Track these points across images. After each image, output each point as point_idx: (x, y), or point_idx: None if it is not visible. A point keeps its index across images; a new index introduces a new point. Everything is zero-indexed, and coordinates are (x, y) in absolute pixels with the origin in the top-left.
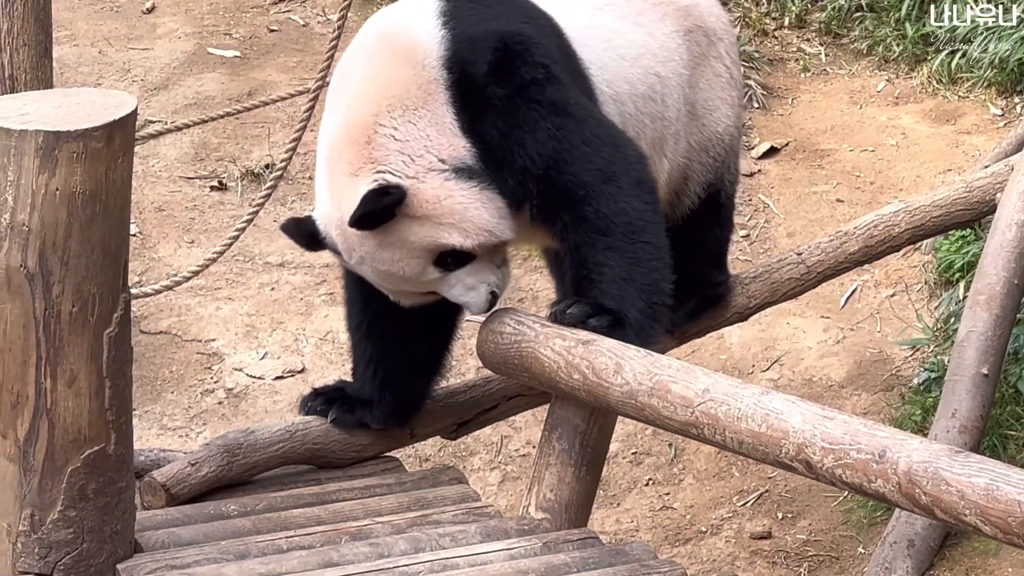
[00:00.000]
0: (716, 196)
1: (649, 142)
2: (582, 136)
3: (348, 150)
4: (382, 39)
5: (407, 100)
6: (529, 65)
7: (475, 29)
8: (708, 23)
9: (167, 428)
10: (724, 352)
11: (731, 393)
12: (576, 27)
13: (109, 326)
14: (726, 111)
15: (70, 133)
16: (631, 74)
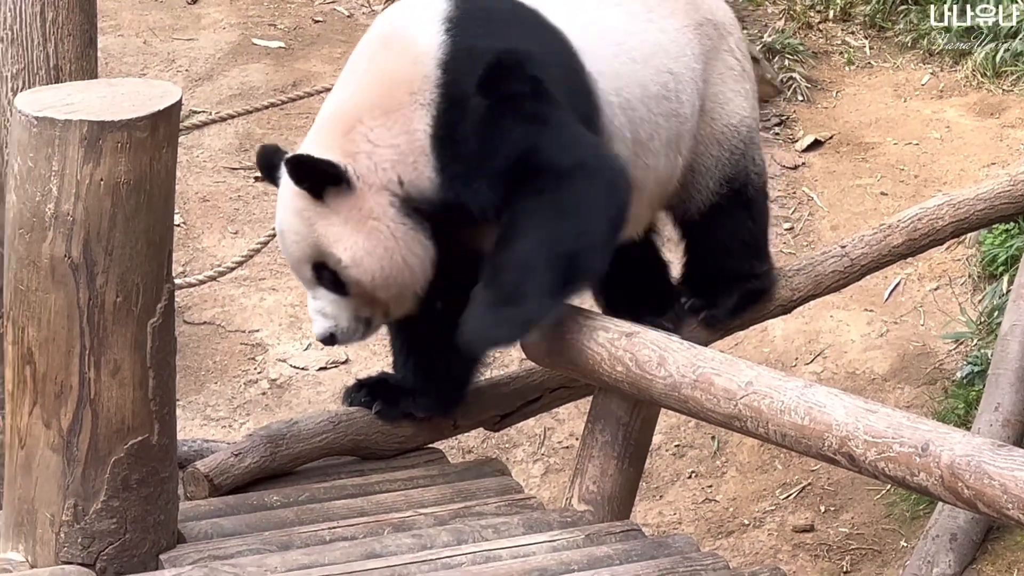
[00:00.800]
0: (742, 191)
1: (664, 141)
2: (557, 141)
3: (327, 135)
4: (387, 38)
5: (390, 103)
6: (517, 79)
7: (475, 42)
8: (717, 16)
9: (210, 419)
10: (767, 345)
11: (774, 386)
12: (586, 36)
13: (153, 316)
14: (740, 103)
15: (114, 123)
16: (643, 76)
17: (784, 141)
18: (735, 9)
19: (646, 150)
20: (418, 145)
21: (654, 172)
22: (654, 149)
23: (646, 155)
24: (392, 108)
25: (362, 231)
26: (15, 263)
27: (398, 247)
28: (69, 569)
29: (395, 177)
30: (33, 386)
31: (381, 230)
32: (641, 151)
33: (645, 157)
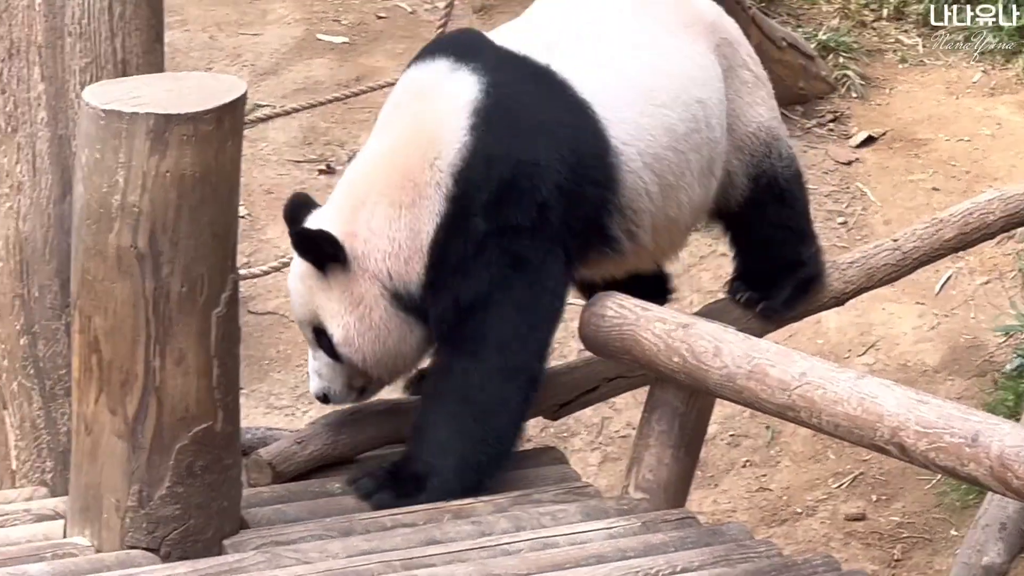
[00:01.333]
0: (773, 184)
1: (697, 172)
2: (516, 298)
3: (343, 203)
4: (415, 121)
5: (398, 195)
6: (524, 208)
7: (497, 147)
8: (730, 33)
9: (274, 407)
10: (821, 337)
11: (827, 377)
12: (613, 95)
13: (218, 306)
14: (757, 111)
15: (180, 116)
16: (671, 120)
17: (838, 137)
18: (790, 8)
19: (677, 190)
20: (418, 246)
21: (689, 206)
22: (686, 185)
23: (678, 194)
24: (402, 203)
25: (354, 313)
26: (82, 253)
27: (389, 335)
28: (134, 554)
29: (384, 270)
30: (99, 374)
31: (373, 318)
32: (672, 193)
33: (677, 196)
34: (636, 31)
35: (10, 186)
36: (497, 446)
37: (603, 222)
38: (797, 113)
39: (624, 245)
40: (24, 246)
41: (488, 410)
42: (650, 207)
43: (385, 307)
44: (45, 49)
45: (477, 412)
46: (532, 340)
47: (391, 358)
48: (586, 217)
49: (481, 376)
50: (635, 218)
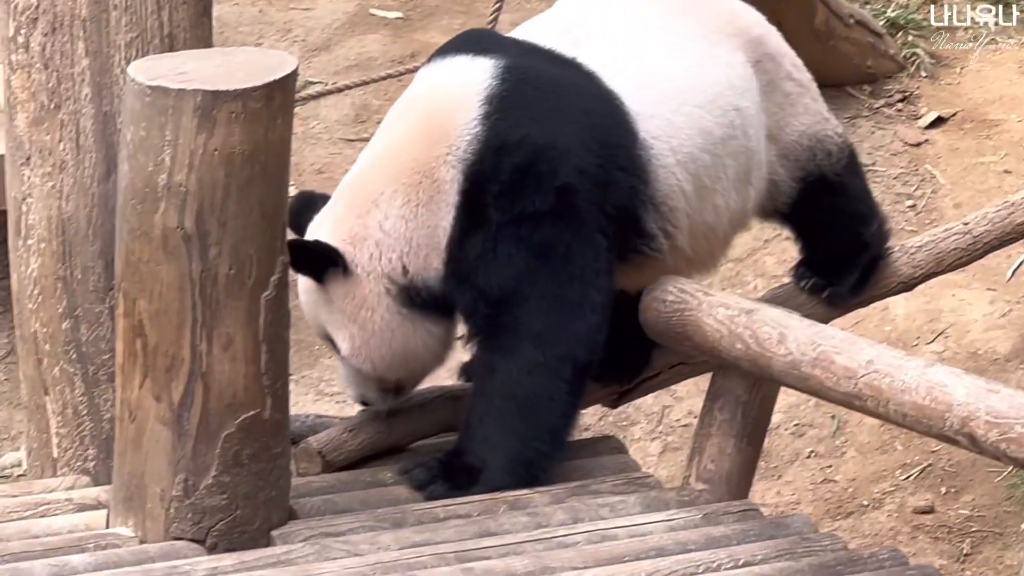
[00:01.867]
0: (821, 181)
1: (733, 179)
2: (544, 289)
3: (344, 212)
4: (427, 114)
5: (414, 193)
6: (541, 193)
7: (511, 133)
8: (772, 47)
9: (324, 394)
10: (888, 323)
11: (895, 365)
12: (646, 91)
13: (266, 289)
14: (800, 120)
15: (229, 93)
16: (707, 122)
17: (907, 118)
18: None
19: (713, 193)
20: (436, 243)
21: (726, 212)
22: (722, 190)
23: (714, 198)
24: (419, 201)
25: (356, 321)
26: (127, 234)
27: (394, 338)
28: (179, 545)
29: (400, 267)
30: (144, 359)
31: (375, 321)
32: (708, 196)
33: (713, 200)
34: (675, 34)
35: (53, 164)
36: (548, 440)
37: (637, 213)
38: (864, 93)
39: (661, 243)
40: (67, 227)
41: (533, 405)
42: (686, 207)
43: (388, 306)
44: (89, 23)
45: (522, 408)
46: (570, 329)
47: (401, 361)
48: (619, 206)
49: (521, 372)
50: (671, 217)
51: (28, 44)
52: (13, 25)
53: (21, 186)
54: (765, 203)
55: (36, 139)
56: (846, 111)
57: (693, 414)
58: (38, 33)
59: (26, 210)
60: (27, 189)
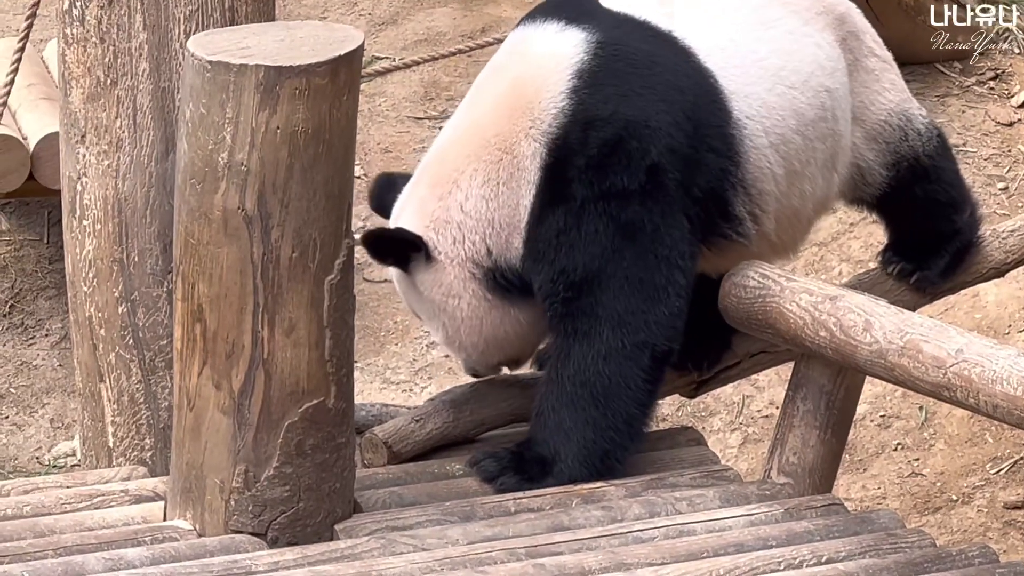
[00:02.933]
0: (915, 165)
1: (820, 163)
2: (628, 271)
3: (425, 194)
4: (511, 86)
5: (494, 170)
6: (631, 170)
7: (600, 108)
8: (856, 24)
9: (390, 382)
10: (979, 311)
11: (986, 354)
12: (740, 69)
13: (331, 273)
14: (886, 97)
15: (292, 69)
16: (800, 103)
17: (999, 96)
18: None
19: (802, 178)
20: (516, 222)
21: (811, 198)
22: (810, 174)
23: (802, 182)
24: (499, 179)
25: (445, 310)
26: (185, 215)
27: (484, 325)
28: (239, 538)
29: (484, 249)
30: (203, 345)
31: (463, 308)
32: (796, 180)
33: (801, 184)
34: (766, 10)
35: (109, 142)
36: (624, 430)
37: (726, 196)
38: (955, 70)
39: (748, 228)
40: (123, 207)
41: (609, 393)
42: (775, 191)
43: (473, 291)
44: None
45: (597, 395)
46: (652, 315)
47: (495, 347)
48: (707, 188)
49: (597, 357)
50: (760, 200)
51: (83, 17)
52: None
53: (76, 165)
54: (851, 190)
55: (92, 116)
56: (935, 89)
57: (775, 405)
58: (94, 6)
59: (81, 189)
60: (82, 168)
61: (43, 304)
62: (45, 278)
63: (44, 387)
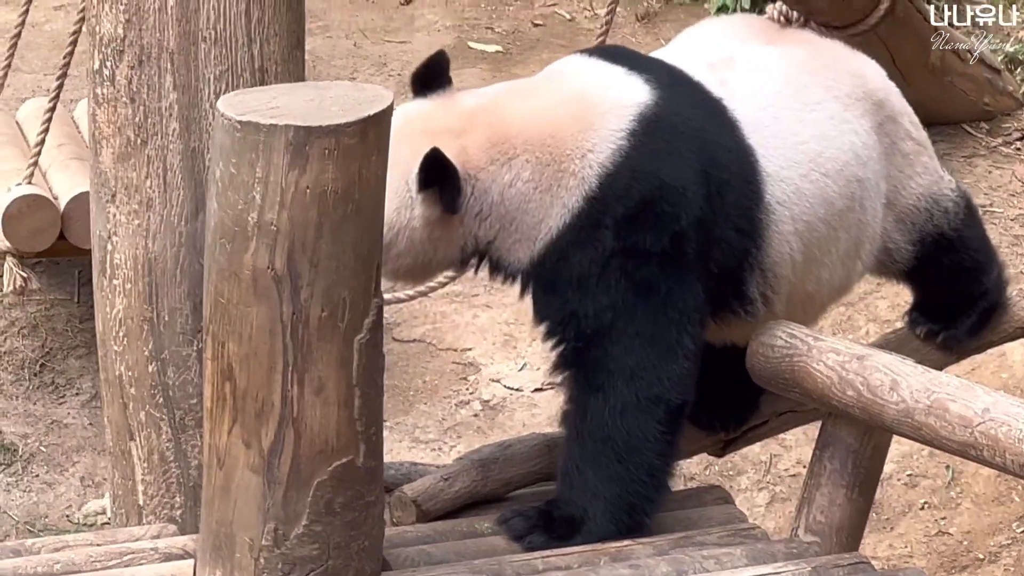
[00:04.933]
0: (939, 240)
1: (843, 253)
2: (640, 328)
3: (486, 143)
4: (581, 95)
5: (539, 172)
6: (657, 232)
7: (647, 162)
8: (894, 107)
9: (419, 441)
10: (1005, 371)
11: (1013, 413)
12: (779, 153)
13: (360, 332)
14: (917, 181)
15: (322, 128)
16: (831, 192)
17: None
18: (971, 20)
19: (820, 265)
20: (534, 236)
21: (828, 285)
22: (830, 263)
23: (820, 270)
24: (539, 184)
25: (409, 239)
26: (215, 275)
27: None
28: None
29: (491, 236)
30: (233, 403)
31: (425, 251)
32: (815, 267)
33: (819, 271)
34: (809, 91)
35: (139, 202)
36: (648, 482)
37: (742, 276)
38: (982, 131)
39: (758, 308)
40: (153, 266)
41: (630, 447)
42: (791, 276)
43: (443, 252)
44: (178, 55)
45: (619, 450)
46: (664, 370)
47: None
48: (725, 265)
49: (615, 412)
50: (774, 283)
51: (114, 77)
52: (98, 57)
53: (106, 224)
54: (878, 267)
55: (122, 175)
56: (962, 149)
57: (802, 463)
58: (124, 66)
59: (111, 249)
60: (112, 227)
61: (73, 363)
62: (75, 337)
63: (75, 445)
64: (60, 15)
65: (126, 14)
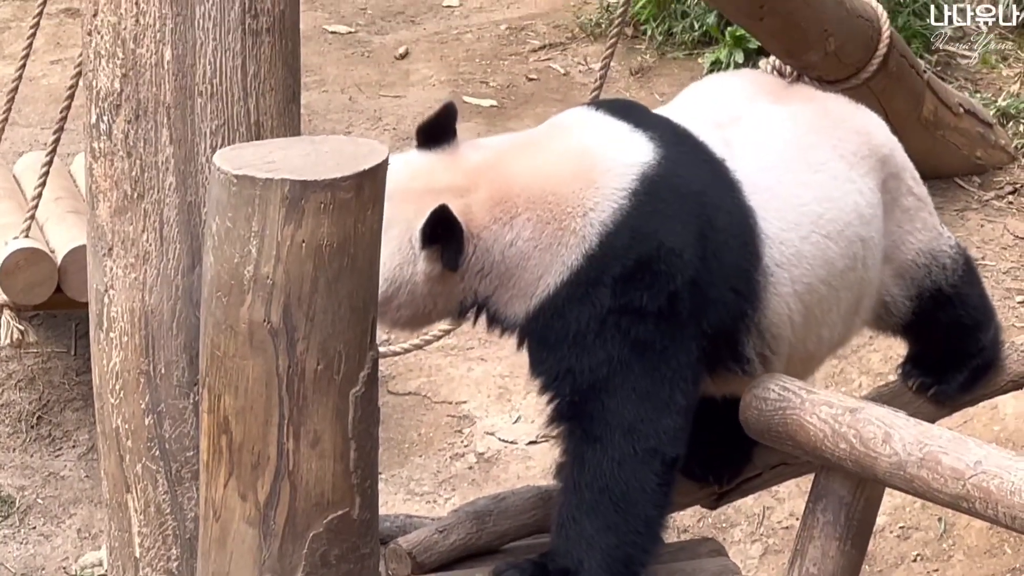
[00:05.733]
0: (936, 295)
1: (843, 311)
2: (636, 383)
3: (489, 201)
4: (583, 152)
5: (539, 230)
6: (653, 292)
7: (647, 222)
8: (897, 162)
9: (414, 493)
10: (997, 423)
11: (1004, 466)
12: (780, 214)
13: (355, 385)
14: (917, 237)
15: (318, 183)
16: (833, 252)
17: (1017, 210)
18: (968, 74)
19: (821, 324)
20: (531, 291)
21: (828, 342)
22: (830, 321)
23: (820, 329)
24: (539, 242)
25: (409, 293)
26: (211, 328)
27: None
28: None
29: (489, 292)
30: (229, 456)
31: (423, 304)
32: (815, 326)
33: (819, 330)
34: (815, 151)
35: (136, 256)
36: (645, 532)
37: (739, 336)
38: (974, 184)
39: (755, 367)
40: (150, 320)
41: (628, 498)
42: (790, 336)
43: (441, 307)
44: (174, 110)
45: (617, 501)
46: (660, 424)
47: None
48: (721, 325)
49: (612, 463)
50: (772, 343)
51: (111, 131)
52: (95, 111)
53: (103, 277)
54: (875, 321)
55: (119, 229)
56: (955, 203)
57: (795, 516)
58: (121, 120)
59: (108, 302)
60: (109, 281)
61: (70, 415)
62: (72, 390)
63: (71, 498)
64: (57, 69)
65: (123, 69)
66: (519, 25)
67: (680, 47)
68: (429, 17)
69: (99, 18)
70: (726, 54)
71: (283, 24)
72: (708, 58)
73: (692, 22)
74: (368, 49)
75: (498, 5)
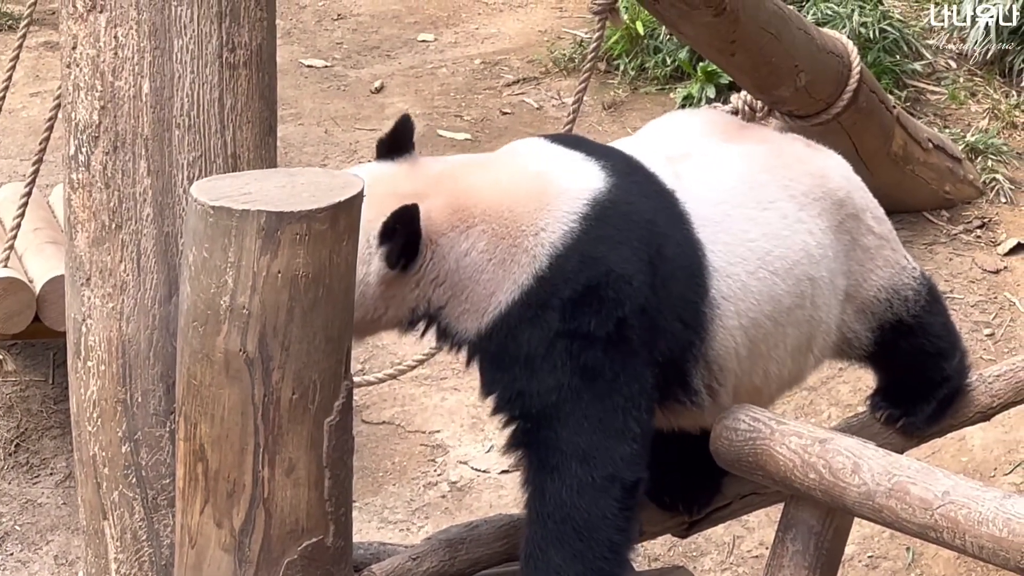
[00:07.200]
0: (898, 326)
1: (791, 348)
2: (587, 411)
3: (447, 208)
4: (539, 176)
5: (494, 245)
6: (601, 317)
7: (595, 247)
8: (856, 203)
9: (388, 521)
10: (965, 454)
11: (972, 496)
12: (729, 249)
13: (330, 415)
14: (878, 274)
15: (293, 214)
16: (780, 290)
17: (985, 244)
18: (937, 109)
19: (767, 360)
20: (483, 307)
21: (776, 379)
22: (777, 357)
23: (767, 364)
24: (493, 256)
25: (366, 296)
26: (188, 357)
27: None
28: None
29: (442, 302)
30: (205, 484)
31: (377, 308)
32: (761, 361)
33: (766, 366)
34: (765, 190)
35: (113, 286)
36: (611, 558)
37: (686, 367)
38: (943, 219)
39: (703, 399)
40: (127, 349)
41: (591, 525)
42: (736, 369)
43: (390, 315)
44: (152, 142)
45: (580, 529)
46: (617, 451)
47: None
48: (669, 356)
49: (571, 492)
50: (719, 376)
51: (89, 163)
52: (74, 143)
53: (81, 307)
54: (837, 354)
55: (96, 259)
56: (923, 237)
57: (764, 545)
58: (99, 151)
59: (86, 331)
60: (87, 310)
61: (48, 443)
62: (50, 418)
63: (48, 525)
64: (36, 101)
65: (101, 101)
66: (493, 60)
67: (652, 82)
68: (404, 52)
69: (78, 51)
70: (698, 89)
71: (260, 58)
72: (680, 93)
73: (664, 57)
74: (344, 83)
75: (472, 40)
